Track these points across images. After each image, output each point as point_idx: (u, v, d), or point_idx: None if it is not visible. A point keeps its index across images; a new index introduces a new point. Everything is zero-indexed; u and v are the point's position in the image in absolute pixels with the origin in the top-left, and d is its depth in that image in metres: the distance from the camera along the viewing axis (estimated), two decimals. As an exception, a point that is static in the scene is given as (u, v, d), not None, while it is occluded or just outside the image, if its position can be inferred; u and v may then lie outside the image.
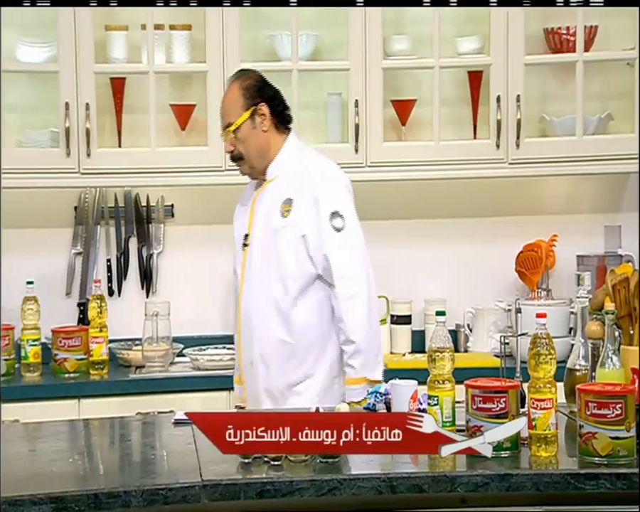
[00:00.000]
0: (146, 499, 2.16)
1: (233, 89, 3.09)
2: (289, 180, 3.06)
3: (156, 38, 3.83)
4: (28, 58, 3.79)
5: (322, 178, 3.06)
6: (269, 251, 3.03)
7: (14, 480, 2.24)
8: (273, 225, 3.03)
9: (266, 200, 3.08)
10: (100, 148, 3.80)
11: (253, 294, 3.06)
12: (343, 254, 3.01)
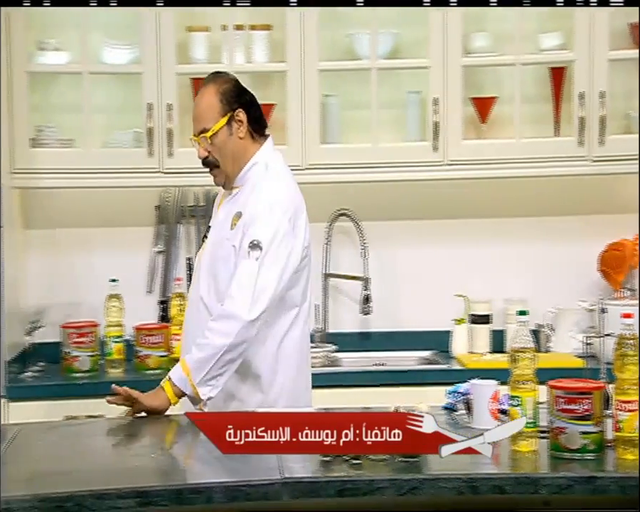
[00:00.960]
0: (227, 495, 2.17)
1: (209, 93, 2.87)
2: (247, 193, 2.89)
3: (236, 38, 3.87)
4: (112, 60, 3.86)
5: (261, 201, 2.84)
6: (215, 260, 2.91)
7: (100, 474, 2.29)
8: (221, 234, 2.92)
9: (226, 207, 2.94)
10: (181, 148, 3.84)
11: (193, 301, 2.95)
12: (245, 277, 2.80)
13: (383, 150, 3.89)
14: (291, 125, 3.87)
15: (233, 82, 2.91)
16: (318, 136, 3.89)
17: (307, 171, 3.87)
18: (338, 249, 4.15)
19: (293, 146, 3.86)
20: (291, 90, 3.86)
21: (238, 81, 2.93)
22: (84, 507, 2.11)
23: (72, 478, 2.23)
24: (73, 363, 3.74)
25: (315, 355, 3.88)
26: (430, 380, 3.59)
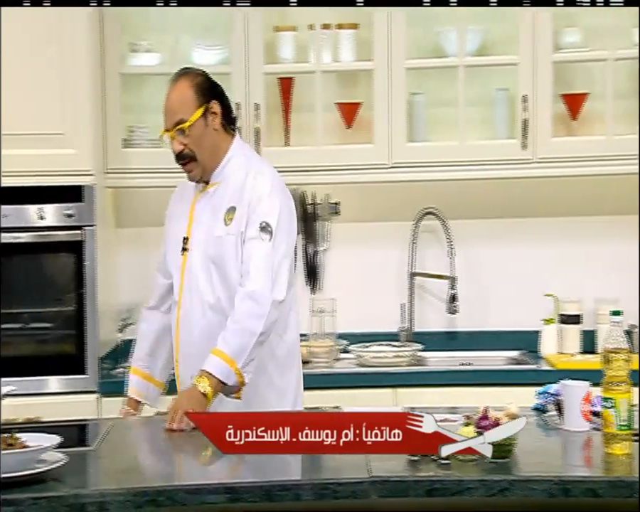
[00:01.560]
0: (316, 493, 2.18)
1: (182, 86, 2.83)
2: (233, 187, 2.86)
3: (323, 37, 3.88)
4: (202, 61, 3.91)
5: (258, 186, 2.84)
6: (213, 259, 2.85)
7: (191, 468, 2.32)
8: (216, 233, 2.85)
9: (209, 205, 2.88)
10: (269, 147, 3.88)
11: (194, 303, 2.87)
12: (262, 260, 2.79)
13: (470, 148, 3.86)
14: (377, 124, 3.87)
15: (205, 75, 2.88)
16: (405, 135, 3.87)
17: (393, 170, 3.87)
18: (424, 248, 4.13)
19: (379, 144, 3.86)
20: (377, 89, 3.86)
21: (207, 74, 2.90)
22: (175, 501, 2.14)
23: (164, 472, 2.27)
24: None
25: (401, 354, 3.88)
26: (518, 381, 3.55)
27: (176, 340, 2.91)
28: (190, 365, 2.83)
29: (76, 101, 3.58)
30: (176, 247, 2.92)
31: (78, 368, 3.63)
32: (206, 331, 2.83)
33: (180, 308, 2.89)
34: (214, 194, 2.88)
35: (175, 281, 2.92)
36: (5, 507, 2.09)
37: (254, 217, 2.82)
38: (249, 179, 2.85)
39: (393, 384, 3.67)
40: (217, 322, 2.81)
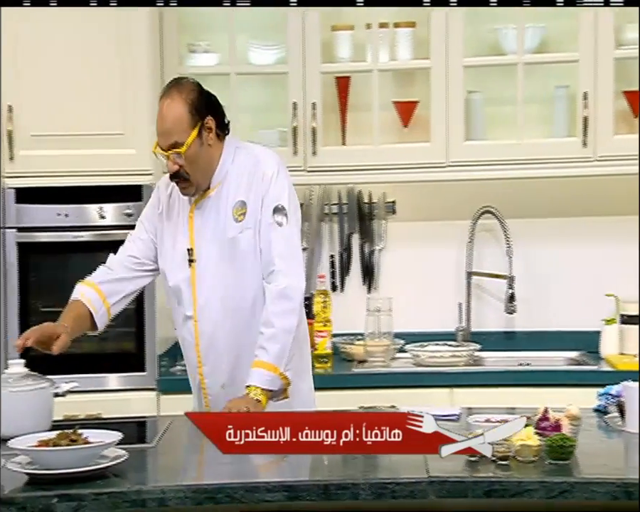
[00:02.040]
0: (374, 492, 2.18)
1: (176, 105, 2.73)
2: (235, 182, 2.81)
3: (380, 36, 3.87)
4: (259, 61, 3.93)
5: (265, 171, 2.80)
6: (231, 261, 2.80)
7: (250, 466, 2.33)
8: (229, 234, 2.80)
9: (211, 210, 2.82)
10: (325, 146, 3.88)
11: (215, 312, 2.81)
12: (285, 249, 2.78)
13: (529, 146, 3.82)
14: (434, 122, 3.85)
15: (198, 90, 2.79)
16: (462, 133, 3.85)
17: (450, 168, 3.85)
18: (481, 247, 4.10)
19: (436, 143, 3.84)
20: (435, 87, 3.84)
21: (200, 85, 2.82)
22: (234, 499, 2.16)
23: (223, 470, 2.28)
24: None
25: (458, 354, 3.86)
26: (578, 382, 3.51)
27: (196, 353, 2.85)
28: (219, 374, 2.83)
29: (136, 102, 3.62)
30: (177, 259, 2.84)
31: (137, 365, 3.67)
32: (233, 335, 2.82)
33: (197, 321, 2.83)
34: (216, 197, 2.83)
35: (184, 296, 2.83)
36: (67, 502, 2.12)
37: (267, 201, 2.80)
38: (250, 167, 2.82)
39: (450, 384, 3.65)
40: (244, 322, 2.81)
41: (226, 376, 2.84)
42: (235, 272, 2.81)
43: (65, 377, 2.76)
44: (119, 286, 2.91)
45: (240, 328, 2.81)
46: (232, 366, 2.83)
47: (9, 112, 3.58)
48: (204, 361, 2.85)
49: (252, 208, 2.81)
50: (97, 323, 2.87)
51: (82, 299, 2.86)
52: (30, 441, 2.27)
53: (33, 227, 3.63)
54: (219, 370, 2.84)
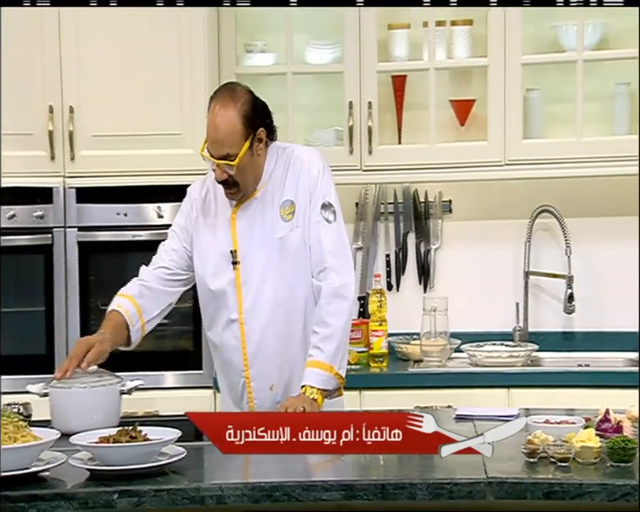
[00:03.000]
0: (431, 493, 2.17)
1: (230, 117, 2.72)
2: (279, 183, 2.82)
3: (437, 34, 3.86)
4: (315, 60, 3.94)
5: (310, 168, 2.82)
6: (281, 261, 2.80)
7: (307, 465, 2.34)
8: (277, 234, 2.80)
9: (255, 211, 2.82)
10: (381, 146, 3.88)
11: (265, 313, 2.80)
12: (335, 246, 2.81)
13: (588, 144, 3.77)
14: (491, 120, 3.82)
15: (252, 100, 2.78)
16: (520, 132, 3.82)
17: (507, 167, 3.83)
18: (539, 247, 4.06)
19: (493, 141, 3.82)
20: (492, 85, 3.81)
21: (253, 93, 2.81)
22: (291, 497, 2.16)
23: (280, 468, 2.29)
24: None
25: (515, 354, 3.82)
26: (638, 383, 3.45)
27: (242, 356, 2.83)
28: (268, 376, 2.83)
29: (194, 101, 3.64)
30: (219, 262, 2.82)
31: (194, 363, 3.70)
32: (282, 336, 2.82)
33: (243, 324, 2.81)
34: (260, 198, 2.84)
35: (229, 298, 2.81)
36: (127, 498, 2.15)
37: (315, 198, 2.81)
38: (294, 166, 2.83)
39: (507, 384, 3.62)
40: (294, 322, 2.81)
41: (275, 378, 2.84)
42: (284, 271, 2.81)
43: (122, 374, 2.79)
44: (154, 302, 2.90)
45: (290, 328, 2.82)
46: (282, 367, 2.83)
47: (70, 113, 3.63)
48: (251, 364, 2.83)
49: (301, 205, 2.82)
50: (132, 338, 2.88)
51: (120, 310, 2.86)
52: (91, 438, 2.30)
53: (93, 226, 3.68)
54: (268, 371, 2.83)
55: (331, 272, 2.78)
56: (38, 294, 3.67)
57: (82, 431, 2.37)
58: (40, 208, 3.67)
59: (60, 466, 2.23)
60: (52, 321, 3.66)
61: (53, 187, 3.67)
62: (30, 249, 3.68)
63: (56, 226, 3.68)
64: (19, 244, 3.67)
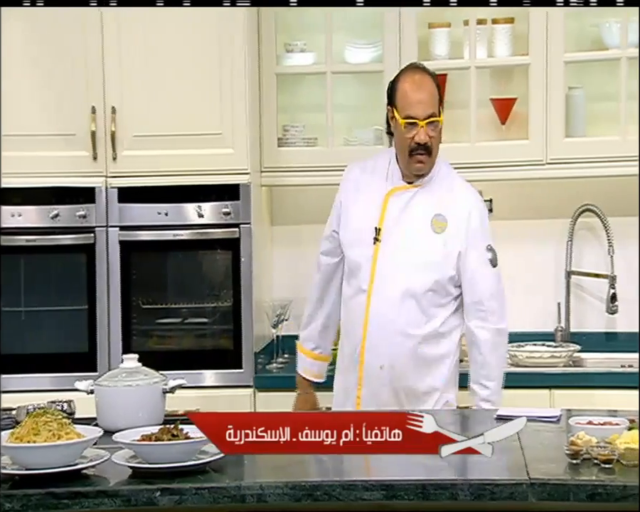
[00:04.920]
0: (473, 493, 2.16)
1: (430, 83, 2.98)
2: (439, 194, 2.97)
3: (478, 32, 3.84)
4: (355, 59, 3.93)
5: (477, 206, 3.00)
6: (415, 256, 2.94)
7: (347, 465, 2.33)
8: (423, 239, 2.95)
9: (411, 205, 2.98)
10: (418, 144, 3.86)
11: (390, 293, 2.95)
12: (497, 289, 2.99)
13: (632, 143, 3.73)
14: (533, 119, 3.80)
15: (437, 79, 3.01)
16: (562, 130, 3.78)
17: (549, 166, 3.80)
18: (581, 246, 4.02)
19: (535, 140, 3.79)
20: (534, 83, 3.78)
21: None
22: (332, 496, 2.16)
23: (321, 467, 2.29)
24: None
25: (557, 355, 3.79)
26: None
27: (363, 328, 2.97)
28: (379, 354, 2.96)
29: (234, 101, 3.66)
30: (364, 235, 2.98)
31: (234, 362, 3.71)
32: (400, 325, 2.93)
33: (370, 296, 2.96)
34: (415, 195, 2.98)
35: (363, 270, 2.98)
36: (169, 496, 2.16)
37: (479, 240, 2.95)
38: (461, 194, 2.98)
39: (549, 385, 3.59)
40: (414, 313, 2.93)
41: (387, 358, 2.95)
42: (418, 267, 2.94)
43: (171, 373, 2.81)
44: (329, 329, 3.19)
45: (410, 317, 2.94)
46: (394, 351, 2.95)
47: (113, 114, 3.66)
48: (369, 336, 2.96)
49: (453, 231, 2.94)
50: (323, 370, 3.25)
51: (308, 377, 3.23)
52: (133, 436, 2.32)
53: (135, 226, 3.71)
54: (381, 349, 2.96)
55: (490, 315, 2.96)
56: (80, 292, 3.71)
57: (127, 428, 2.39)
58: (82, 207, 3.70)
59: (103, 463, 2.25)
60: (94, 320, 3.69)
61: (96, 187, 3.70)
62: (73, 248, 3.71)
63: (98, 225, 3.71)
64: (62, 243, 3.71)
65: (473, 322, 2.96)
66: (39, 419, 2.25)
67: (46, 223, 3.70)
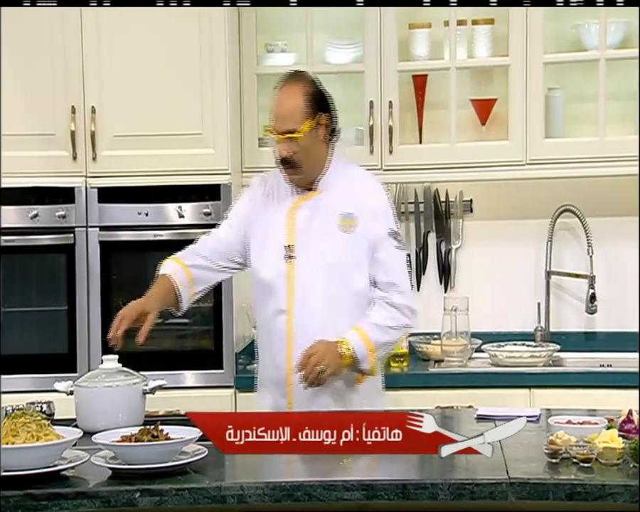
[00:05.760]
0: (452, 493, 2.17)
1: (295, 93, 2.83)
2: (341, 194, 2.88)
3: (458, 33, 3.85)
4: (336, 60, 3.94)
5: (377, 195, 2.93)
6: (333, 265, 2.85)
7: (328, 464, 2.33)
8: (335, 242, 2.86)
9: (315, 211, 2.89)
10: (402, 145, 3.87)
11: (311, 310, 2.85)
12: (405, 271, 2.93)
13: (611, 143, 3.75)
14: (513, 120, 3.81)
15: (316, 85, 2.88)
16: (542, 131, 3.80)
17: (529, 166, 3.82)
18: (560, 246, 4.04)
19: (514, 141, 3.81)
20: (513, 84, 3.80)
21: (319, 82, 2.91)
22: (312, 497, 2.17)
23: (301, 467, 2.29)
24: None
25: (537, 355, 3.81)
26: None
27: (287, 348, 2.87)
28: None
29: (214, 101, 3.65)
30: (273, 254, 2.88)
31: (215, 363, 3.71)
32: (326, 334, 2.83)
33: (292, 316, 2.86)
34: (321, 201, 2.89)
35: (279, 290, 2.87)
36: (149, 497, 2.16)
37: (381, 226, 2.88)
38: (361, 187, 2.91)
39: (529, 385, 3.61)
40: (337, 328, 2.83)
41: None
42: (336, 277, 2.86)
43: (143, 373, 2.80)
44: (208, 274, 2.98)
45: (336, 330, 2.84)
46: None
47: (92, 113, 3.65)
48: (295, 356, 2.86)
49: (362, 225, 2.87)
50: (181, 306, 2.95)
51: (173, 276, 2.91)
52: (113, 437, 2.31)
53: (115, 226, 3.70)
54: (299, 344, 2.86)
55: (401, 293, 2.88)
56: (60, 293, 3.69)
57: (106, 429, 2.39)
58: (62, 207, 3.69)
59: (83, 464, 2.25)
60: (74, 320, 3.68)
61: (75, 187, 3.69)
62: (52, 248, 3.70)
63: (78, 226, 3.70)
64: (42, 243, 3.69)
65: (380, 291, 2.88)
66: (18, 421, 2.24)
67: (25, 223, 3.68)
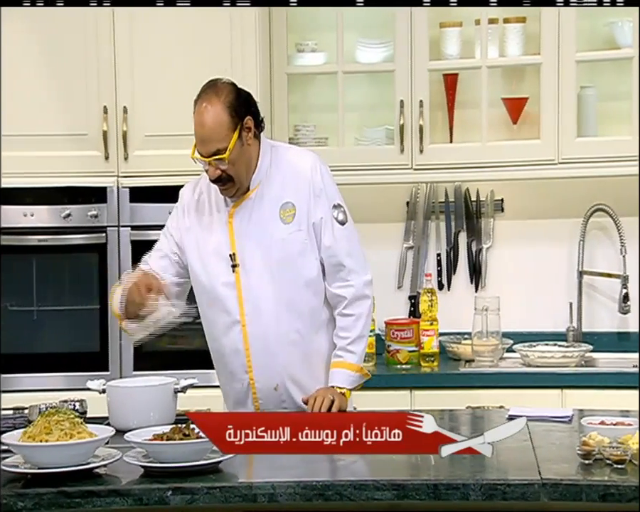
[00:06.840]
0: (484, 493, 2.16)
1: (216, 110, 2.67)
2: (278, 184, 2.77)
3: (489, 32, 3.83)
4: (366, 59, 3.93)
5: (313, 171, 2.79)
6: (280, 263, 2.76)
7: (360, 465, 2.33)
8: (276, 236, 2.76)
9: (252, 212, 2.78)
10: (432, 144, 3.86)
11: (266, 315, 2.76)
12: (351, 246, 2.82)
13: (644, 142, 3.72)
14: (545, 119, 3.79)
15: (235, 90, 2.73)
16: (574, 130, 3.77)
17: (561, 166, 3.79)
18: (593, 246, 4.01)
19: (546, 140, 3.78)
20: (545, 83, 3.77)
21: (236, 84, 2.76)
22: (343, 496, 2.17)
23: (332, 467, 2.29)
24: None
25: (569, 355, 3.78)
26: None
27: (246, 357, 2.80)
28: (270, 376, 2.81)
29: (245, 101, 3.65)
30: (217, 265, 2.78)
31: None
32: (284, 338, 2.80)
33: (246, 325, 2.78)
34: (257, 198, 2.79)
35: (229, 301, 2.78)
36: (181, 495, 2.16)
37: (323, 201, 2.79)
38: (294, 167, 2.80)
39: (561, 385, 3.59)
40: (299, 321, 2.80)
41: (279, 377, 2.82)
42: (285, 273, 2.78)
43: (174, 372, 2.82)
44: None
45: (293, 328, 2.80)
46: (286, 367, 2.82)
47: (124, 114, 3.67)
48: (255, 365, 2.80)
49: (303, 210, 2.78)
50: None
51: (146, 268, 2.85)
52: (145, 435, 2.32)
53: (146, 225, 3.71)
54: (272, 371, 2.81)
55: (352, 273, 2.82)
56: (92, 292, 3.71)
57: (138, 428, 2.40)
58: (94, 207, 3.71)
59: (115, 462, 2.26)
60: (106, 319, 3.69)
61: (107, 186, 3.71)
62: (84, 248, 3.72)
63: (110, 225, 3.72)
64: (74, 243, 3.71)
65: (336, 284, 2.82)
66: (51, 419, 2.26)
67: (58, 223, 3.71)
